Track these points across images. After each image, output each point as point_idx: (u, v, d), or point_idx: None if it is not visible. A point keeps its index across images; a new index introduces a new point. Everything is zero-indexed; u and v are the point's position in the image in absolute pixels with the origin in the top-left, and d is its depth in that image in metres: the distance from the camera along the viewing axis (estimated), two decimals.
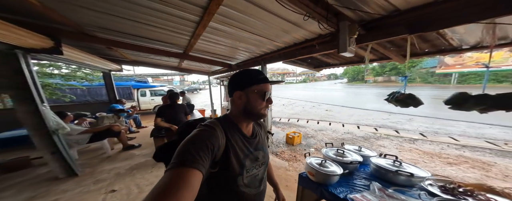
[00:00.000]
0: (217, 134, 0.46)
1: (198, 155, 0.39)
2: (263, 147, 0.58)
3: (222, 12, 1.23)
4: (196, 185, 0.35)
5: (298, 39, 1.76)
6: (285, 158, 2.80)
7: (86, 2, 1.17)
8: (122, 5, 1.18)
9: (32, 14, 1.34)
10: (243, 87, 0.51)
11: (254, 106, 0.51)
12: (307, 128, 4.94)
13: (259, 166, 0.55)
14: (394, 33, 1.11)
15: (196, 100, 11.31)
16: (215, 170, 0.46)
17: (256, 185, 0.54)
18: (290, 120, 6.01)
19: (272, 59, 2.41)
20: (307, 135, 4.19)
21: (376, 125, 5.07)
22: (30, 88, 1.58)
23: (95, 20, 1.48)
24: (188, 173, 0.35)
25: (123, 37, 1.95)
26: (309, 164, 1.06)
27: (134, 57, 3.47)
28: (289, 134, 3.57)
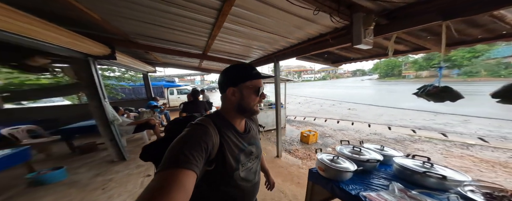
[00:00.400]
0: (210, 132, 0.44)
1: (192, 155, 0.37)
2: (256, 141, 0.59)
3: (235, 13, 1.31)
4: (190, 186, 0.33)
5: (312, 34, 1.70)
6: (298, 156, 2.75)
7: (130, 14, 1.44)
8: (154, 13, 1.40)
9: (95, 27, 1.74)
10: (236, 83, 0.50)
11: (247, 102, 0.50)
12: (325, 127, 4.65)
13: (253, 159, 0.55)
14: (424, 21, 0.97)
15: (214, 97, 12.04)
16: (211, 168, 0.45)
17: (252, 178, 0.55)
18: (306, 119, 5.77)
19: (285, 55, 2.38)
20: (324, 135, 3.96)
21: (415, 126, 4.36)
22: (97, 87, 2.04)
23: (136, 28, 1.79)
24: (181, 174, 0.33)
25: (155, 42, 2.29)
26: (320, 160, 1.04)
27: (164, 59, 3.99)
28: (304, 132, 3.46)
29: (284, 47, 2.23)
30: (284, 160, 2.54)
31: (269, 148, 3.05)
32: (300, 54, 2.09)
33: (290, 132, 4.22)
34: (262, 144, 3.19)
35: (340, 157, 1.10)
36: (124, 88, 6.89)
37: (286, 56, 2.36)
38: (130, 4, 1.24)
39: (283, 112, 4.55)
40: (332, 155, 1.11)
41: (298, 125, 4.97)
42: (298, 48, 2.05)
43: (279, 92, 2.67)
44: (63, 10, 1.31)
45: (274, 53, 2.53)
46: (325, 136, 3.89)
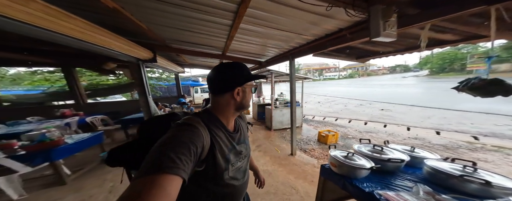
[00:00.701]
0: (200, 132, 0.42)
1: (179, 158, 0.34)
2: (245, 140, 0.59)
3: (250, 14, 1.39)
4: (174, 193, 0.31)
5: (330, 29, 1.63)
6: (314, 155, 2.64)
7: (166, 22, 1.72)
8: (182, 19, 1.63)
9: (143, 35, 2.15)
10: (242, 82, 0.50)
11: (247, 100, 0.54)
12: (348, 128, 4.25)
13: (243, 159, 0.56)
14: (461, 8, 0.83)
15: None
16: (201, 169, 0.44)
17: (241, 177, 0.55)
18: (326, 119, 5.39)
19: (300, 53, 2.34)
20: (347, 136, 3.63)
21: (479, 132, 3.51)
22: (144, 86, 2.54)
23: (170, 34, 2.13)
24: (165, 180, 0.30)
25: (183, 45, 2.64)
26: (333, 156, 1.02)
27: (190, 60, 4.53)
28: (322, 132, 3.28)
29: (299, 44, 2.20)
30: (298, 158, 2.50)
31: (283, 146, 3.04)
32: (316, 51, 2.02)
33: (307, 131, 4.06)
34: (276, 141, 3.22)
35: (355, 154, 1.04)
36: (161, 87, 8.28)
37: (301, 53, 2.31)
38: (166, 14, 1.50)
39: (300, 110, 4.40)
40: (346, 152, 1.07)
41: (317, 125, 4.71)
42: (315, 45, 1.99)
43: (294, 90, 2.62)
44: (123, 23, 1.69)
45: (289, 51, 2.51)
46: (348, 137, 3.56)
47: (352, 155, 1.03)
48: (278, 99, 5.02)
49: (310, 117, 5.70)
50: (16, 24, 0.81)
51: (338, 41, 1.63)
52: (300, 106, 4.46)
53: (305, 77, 5.00)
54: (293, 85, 2.58)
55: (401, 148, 1.15)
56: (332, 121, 5.08)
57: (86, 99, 4.71)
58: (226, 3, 1.23)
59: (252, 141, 3.25)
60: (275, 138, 3.47)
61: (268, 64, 3.42)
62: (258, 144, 3.12)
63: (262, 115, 4.80)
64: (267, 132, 3.92)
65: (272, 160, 2.44)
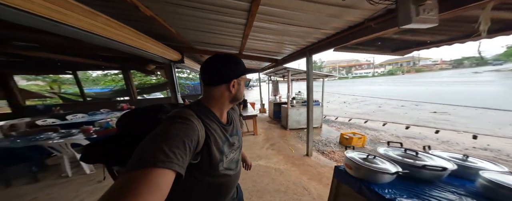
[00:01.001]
0: (195, 126, 0.41)
1: (173, 153, 0.33)
2: (238, 131, 0.59)
3: (263, 11, 1.38)
4: (166, 187, 0.30)
5: (353, 21, 1.45)
6: (334, 158, 2.42)
7: (191, 25, 1.92)
8: (203, 21, 1.78)
9: (173, 39, 2.30)
10: (237, 75, 0.51)
11: (241, 92, 0.55)
12: (381, 132, 3.64)
13: (235, 150, 0.56)
14: None
15: (250, 95, 12.93)
16: (197, 161, 0.44)
17: (234, 167, 0.55)
18: (353, 120, 4.78)
19: (319, 48, 2.17)
20: (379, 140, 3.13)
21: None
22: (175, 84, 2.98)
23: (194, 37, 2.38)
24: (157, 174, 0.29)
25: (206, 46, 2.90)
26: (349, 157, 0.92)
27: None
28: (345, 134, 2.95)
29: (318, 39, 2.05)
30: (314, 159, 2.34)
31: (298, 146, 2.92)
32: (338, 45, 1.82)
33: (327, 132, 3.73)
34: (291, 141, 3.16)
35: (378, 157, 0.90)
36: (189, 86, 9.46)
37: (320, 49, 2.14)
38: (190, 17, 1.67)
39: (319, 110, 4.07)
40: (365, 154, 0.94)
41: (340, 126, 4.25)
42: (336, 39, 1.81)
43: (312, 89, 2.46)
44: (157, 29, 1.97)
45: (307, 47, 2.38)
46: (379, 142, 3.06)
47: (373, 158, 0.90)
48: (295, 98, 4.80)
49: (332, 118, 5.18)
50: (89, 35, 1.11)
51: (363, 33, 1.43)
52: (319, 105, 4.13)
53: (326, 74, 4.58)
54: (310, 83, 2.43)
55: (448, 155, 0.92)
56: (360, 123, 4.46)
57: (136, 96, 5.90)
58: (239, 2, 1.28)
59: (266, 139, 3.25)
60: (291, 138, 3.37)
61: (285, 62, 3.33)
62: (272, 142, 3.09)
63: (278, 114, 4.73)
64: (283, 131, 3.83)
65: (285, 159, 2.38)
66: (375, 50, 2.28)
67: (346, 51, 2.27)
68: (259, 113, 6.19)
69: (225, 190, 0.53)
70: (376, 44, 2.10)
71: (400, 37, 1.82)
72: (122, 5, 1.33)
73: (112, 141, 0.47)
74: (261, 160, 2.34)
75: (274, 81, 6.03)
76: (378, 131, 3.70)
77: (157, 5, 1.38)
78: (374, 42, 2.03)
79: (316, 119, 4.04)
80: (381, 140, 3.17)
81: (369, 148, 2.81)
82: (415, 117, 4.75)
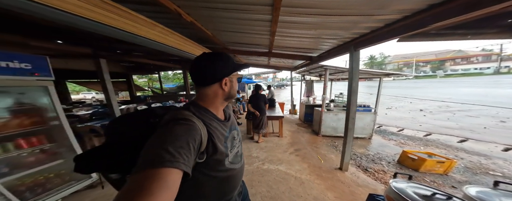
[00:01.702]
0: (196, 126, 0.42)
1: (178, 153, 0.34)
2: (236, 126, 0.61)
3: (287, 3, 1.24)
4: (175, 185, 0.31)
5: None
6: (383, 179, 1.83)
7: (223, 27, 2.08)
8: (232, 22, 1.85)
9: (209, 41, 2.50)
10: (228, 73, 0.51)
11: (235, 89, 0.56)
12: (498, 160, 2.33)
13: (237, 143, 0.58)
14: None
15: (282, 94, 12.31)
16: (203, 160, 0.44)
17: (238, 161, 0.57)
18: (434, 136, 3.32)
19: (370, 40, 1.63)
20: (486, 171, 2.01)
21: None
22: None
23: (227, 37, 2.60)
24: (166, 173, 0.30)
25: (237, 46, 3.09)
26: (395, 188, 0.64)
27: (245, 60, 5.25)
28: (410, 152, 2.13)
29: (371, 28, 1.56)
30: (349, 175, 1.87)
31: (331, 156, 2.46)
32: (406, 32, 1.25)
33: (379, 146, 2.86)
34: (322, 149, 2.82)
35: (457, 198, 0.56)
36: None
37: (372, 40, 1.62)
38: (222, 19, 1.80)
39: (369, 117, 3.17)
40: (432, 190, 0.60)
41: (405, 141, 3.14)
42: (403, 25, 1.27)
43: (356, 90, 1.96)
44: (196, 33, 2.29)
45: (352, 40, 1.91)
46: (486, 173, 1.95)
47: (446, 198, 0.56)
48: (334, 100, 4.04)
49: (394, 129, 3.83)
50: (148, 41, 1.46)
51: (466, 8, 0.85)
52: (372, 112, 3.21)
53: (387, 73, 3.42)
54: (354, 84, 1.93)
55: None
56: (449, 142, 3.00)
57: (189, 91, 7.61)
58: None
59: (291, 143, 2.99)
60: (322, 145, 2.91)
61: (321, 59, 2.87)
62: (297, 147, 2.81)
63: (310, 117, 4.20)
64: (313, 137, 3.38)
65: (310, 168, 2.09)
66: (496, 33, 1.28)
67: (422, 39, 1.48)
68: (289, 114, 5.84)
69: (232, 185, 0.54)
70: (500, 23, 1.16)
71: None
72: (170, 15, 1.67)
73: (104, 149, 0.46)
74: (281, 164, 2.18)
75: (308, 81, 5.44)
76: (490, 158, 2.30)
77: (195, 11, 1.61)
78: (497, 19, 1.12)
79: (363, 127, 3.20)
80: (491, 171, 1.95)
81: (458, 177, 1.84)
82: None
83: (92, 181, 1.72)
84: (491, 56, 33.32)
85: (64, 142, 1.63)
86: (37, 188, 1.43)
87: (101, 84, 3.10)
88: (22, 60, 1.37)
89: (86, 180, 1.69)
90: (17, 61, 1.35)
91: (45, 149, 1.55)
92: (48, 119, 1.58)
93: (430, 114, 5.36)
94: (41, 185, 1.46)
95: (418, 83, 19.19)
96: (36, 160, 1.48)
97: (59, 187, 1.52)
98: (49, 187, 1.48)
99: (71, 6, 0.81)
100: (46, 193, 1.44)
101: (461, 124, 4.08)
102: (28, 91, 1.48)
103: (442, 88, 13.27)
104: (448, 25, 1.00)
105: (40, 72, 1.47)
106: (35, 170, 1.43)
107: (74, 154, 1.63)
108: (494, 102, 6.57)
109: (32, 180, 1.43)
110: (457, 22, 0.96)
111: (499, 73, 25.33)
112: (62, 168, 1.61)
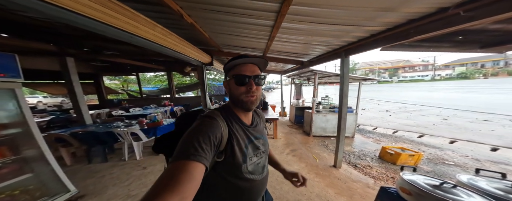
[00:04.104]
0: (218, 124, 0.45)
1: (201, 148, 0.38)
2: (263, 136, 0.58)
3: (293, 11, 1.30)
4: (199, 178, 0.35)
5: (418, 12, 1.14)
6: (370, 174, 2.03)
7: (220, 29, 2.04)
8: (232, 25, 1.84)
9: (205, 43, 2.49)
10: (226, 75, 0.52)
11: (235, 94, 0.50)
12: (448, 151, 2.86)
13: (261, 154, 0.55)
14: None
15: (270, 97, 12.61)
16: (221, 159, 0.46)
17: (260, 172, 0.54)
18: (400, 133, 3.88)
19: (359, 48, 1.83)
20: (442, 161, 2.42)
21: None
22: (205, 84, 3.35)
23: (223, 40, 2.55)
24: (191, 166, 0.35)
25: (232, 49, 3.07)
26: (408, 181, 0.72)
27: None
28: (388, 148, 2.43)
29: (359, 38, 1.76)
30: (344, 172, 2.04)
31: (324, 155, 2.63)
32: (391, 43, 1.47)
33: (362, 143, 3.19)
34: (315, 149, 2.93)
35: (461, 187, 0.68)
36: (215, 86, 10.20)
37: (361, 48, 1.83)
38: (222, 22, 1.78)
39: (352, 118, 3.55)
40: (438, 180, 0.72)
41: (380, 138, 3.57)
42: (387, 36, 1.49)
43: (346, 94, 2.14)
44: (192, 34, 2.21)
45: (342, 47, 2.11)
46: (443, 163, 2.36)
47: (451, 187, 0.67)
48: (321, 102, 4.38)
49: (369, 128, 4.37)
50: (148, 43, 1.38)
51: (436, 26, 1.09)
52: (353, 112, 3.61)
53: (365, 78, 3.95)
54: (345, 87, 2.12)
55: None
56: (411, 137, 3.57)
57: (175, 94, 7.02)
58: (269, 3, 1.24)
59: (287, 144, 3.10)
60: (314, 145, 3.08)
61: (312, 64, 3.10)
62: (293, 148, 2.92)
63: (300, 119, 4.45)
64: (305, 137, 3.56)
65: (309, 168, 2.19)
66: (450, 47, 1.70)
67: (399, 49, 1.79)
68: (279, 116, 6.00)
69: (250, 196, 0.52)
70: (454, 38, 1.55)
71: (504, 27, 1.29)
72: (172, 15, 1.59)
73: (171, 137, 0.56)
74: None
75: (297, 84, 5.72)
76: (442, 150, 2.82)
77: (196, 12, 1.56)
78: (451, 36, 1.49)
79: (347, 127, 3.50)
80: (446, 161, 2.40)
81: (425, 168, 2.19)
82: (510, 137, 3.32)
83: (71, 195, 1.42)
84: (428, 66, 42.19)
85: (33, 152, 1.34)
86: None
87: (67, 86, 2.59)
88: None
89: (62, 194, 1.38)
90: None
91: (7, 163, 1.24)
92: (13, 127, 1.28)
93: (394, 114, 6.35)
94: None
95: (381, 87, 22.53)
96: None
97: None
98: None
99: (68, 2, 0.69)
100: None
101: (417, 122, 4.95)
102: None
103: (398, 92, 15.92)
104: (420, 38, 1.25)
105: (6, 73, 1.21)
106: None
107: (46, 165, 1.35)
108: (436, 103, 8.24)
109: None
110: (426, 37, 1.21)
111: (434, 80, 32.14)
112: (30, 183, 1.31)
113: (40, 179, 1.37)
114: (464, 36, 1.50)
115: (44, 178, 1.38)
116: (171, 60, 4.38)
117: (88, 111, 2.96)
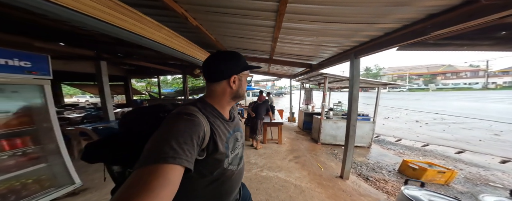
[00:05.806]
0: (200, 122, 0.41)
1: (181, 149, 0.33)
2: (240, 128, 0.59)
3: (292, 10, 1.28)
4: (177, 182, 0.31)
5: (443, 4, 0.97)
6: (384, 188, 1.79)
7: (226, 32, 2.15)
8: (236, 27, 1.80)
9: (213, 46, 2.58)
10: (238, 71, 0.51)
11: (243, 89, 0.54)
12: (496, 172, 2.38)
13: (240, 145, 0.57)
14: None
15: (280, 102, 12.42)
16: (202, 158, 0.43)
17: (238, 162, 0.55)
18: (432, 147, 3.33)
19: (370, 48, 1.67)
20: (487, 183, 2.03)
21: None
22: None
23: (230, 43, 2.67)
24: (169, 169, 0.30)
25: (240, 52, 3.27)
26: (408, 196, 0.60)
27: None
28: (410, 162, 2.09)
29: (370, 37, 1.62)
30: (351, 184, 1.80)
31: (331, 164, 2.40)
32: (407, 41, 1.28)
33: (379, 155, 2.82)
34: (321, 157, 2.75)
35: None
36: None
37: (372, 49, 1.67)
38: (226, 24, 1.86)
39: (368, 126, 3.18)
40: (448, 198, 0.59)
41: (403, 151, 3.12)
42: (402, 34, 1.32)
43: (356, 98, 1.96)
44: (198, 36, 2.37)
45: (352, 48, 1.97)
46: (486, 184, 1.96)
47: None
48: (333, 108, 4.08)
49: (392, 139, 3.83)
50: (155, 44, 1.47)
51: (461, 19, 0.90)
52: (370, 121, 3.23)
53: (385, 83, 3.55)
54: (355, 91, 1.95)
55: None
56: (447, 153, 3.00)
57: (188, 96, 7.55)
58: (266, 2, 1.21)
59: (290, 151, 2.93)
60: (321, 153, 2.84)
61: (321, 67, 2.95)
62: (296, 154, 2.73)
63: (309, 125, 4.19)
64: (312, 145, 3.33)
65: (310, 176, 2.01)
66: (490, 45, 1.34)
67: (421, 49, 1.52)
68: (287, 121, 5.80)
69: (229, 187, 0.52)
70: (496, 34, 1.22)
71: None
72: (177, 18, 1.71)
73: (113, 140, 0.47)
74: (280, 171, 2.10)
75: (307, 89, 5.50)
76: (488, 170, 2.29)
77: (200, 15, 1.66)
78: (490, 31, 1.18)
79: (362, 136, 3.19)
80: (491, 182, 1.93)
81: (459, 188, 1.79)
82: None
83: (74, 188, 1.56)
84: (478, 71, 35.11)
85: (50, 145, 1.51)
86: (10, 196, 1.28)
87: (98, 86, 3.05)
88: (22, 58, 1.35)
89: (67, 186, 1.53)
90: (17, 59, 1.32)
91: (27, 152, 1.42)
92: (38, 120, 1.48)
93: (426, 125, 5.43)
94: (16, 192, 1.33)
95: (412, 95, 19.84)
96: (16, 163, 1.36)
97: (36, 195, 1.37)
98: (24, 195, 1.33)
99: (82, 6, 0.82)
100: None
101: (457, 136, 4.12)
102: (22, 89, 1.42)
103: (435, 100, 13.74)
104: (446, 35, 1.04)
105: (38, 71, 1.44)
106: (12, 175, 1.30)
107: (60, 158, 1.52)
108: (487, 115, 6.76)
109: (7, 186, 1.32)
110: (454, 33, 1.00)
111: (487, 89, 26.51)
112: (44, 173, 1.47)
113: (52, 170, 1.48)
114: (510, 31, 1.18)
115: (56, 169, 1.50)
116: (186, 64, 4.77)
117: (112, 109, 3.37)
